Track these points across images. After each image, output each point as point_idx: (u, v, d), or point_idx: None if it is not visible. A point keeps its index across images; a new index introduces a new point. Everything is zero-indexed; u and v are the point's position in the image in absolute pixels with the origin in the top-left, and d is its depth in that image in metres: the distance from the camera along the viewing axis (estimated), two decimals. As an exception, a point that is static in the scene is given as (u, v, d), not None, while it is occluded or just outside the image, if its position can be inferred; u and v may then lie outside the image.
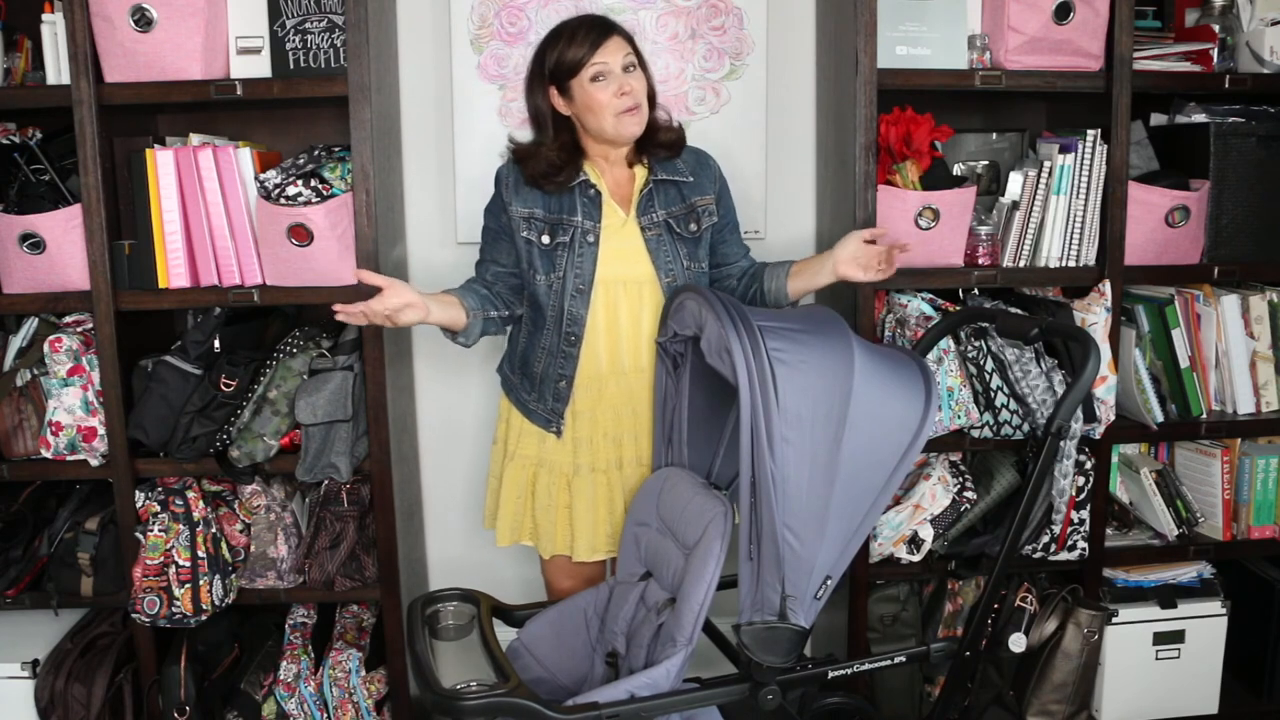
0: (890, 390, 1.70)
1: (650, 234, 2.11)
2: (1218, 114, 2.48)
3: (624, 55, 2.04)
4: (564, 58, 2.04)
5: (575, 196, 2.09)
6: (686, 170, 2.17)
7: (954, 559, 2.44)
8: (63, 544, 2.37)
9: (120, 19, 2.13)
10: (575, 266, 2.07)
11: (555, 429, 2.14)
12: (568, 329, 2.09)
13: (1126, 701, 2.53)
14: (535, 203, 2.09)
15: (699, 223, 2.15)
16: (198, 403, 2.27)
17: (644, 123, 2.07)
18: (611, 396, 2.14)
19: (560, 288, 2.08)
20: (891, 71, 2.29)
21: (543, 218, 2.08)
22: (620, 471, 2.17)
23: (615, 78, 2.03)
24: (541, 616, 2.04)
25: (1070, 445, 2.29)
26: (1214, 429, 2.48)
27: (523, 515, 2.21)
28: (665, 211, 2.13)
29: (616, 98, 2.03)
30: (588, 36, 2.02)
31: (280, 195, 2.22)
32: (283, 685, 2.40)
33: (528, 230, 2.09)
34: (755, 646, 1.69)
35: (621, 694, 1.69)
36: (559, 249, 2.08)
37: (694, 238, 2.15)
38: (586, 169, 2.12)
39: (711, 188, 2.20)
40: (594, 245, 2.08)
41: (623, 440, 2.16)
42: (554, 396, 2.13)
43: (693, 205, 2.15)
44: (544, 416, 2.15)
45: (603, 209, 2.10)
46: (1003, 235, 2.42)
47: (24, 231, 2.21)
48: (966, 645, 2.01)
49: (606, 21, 2.07)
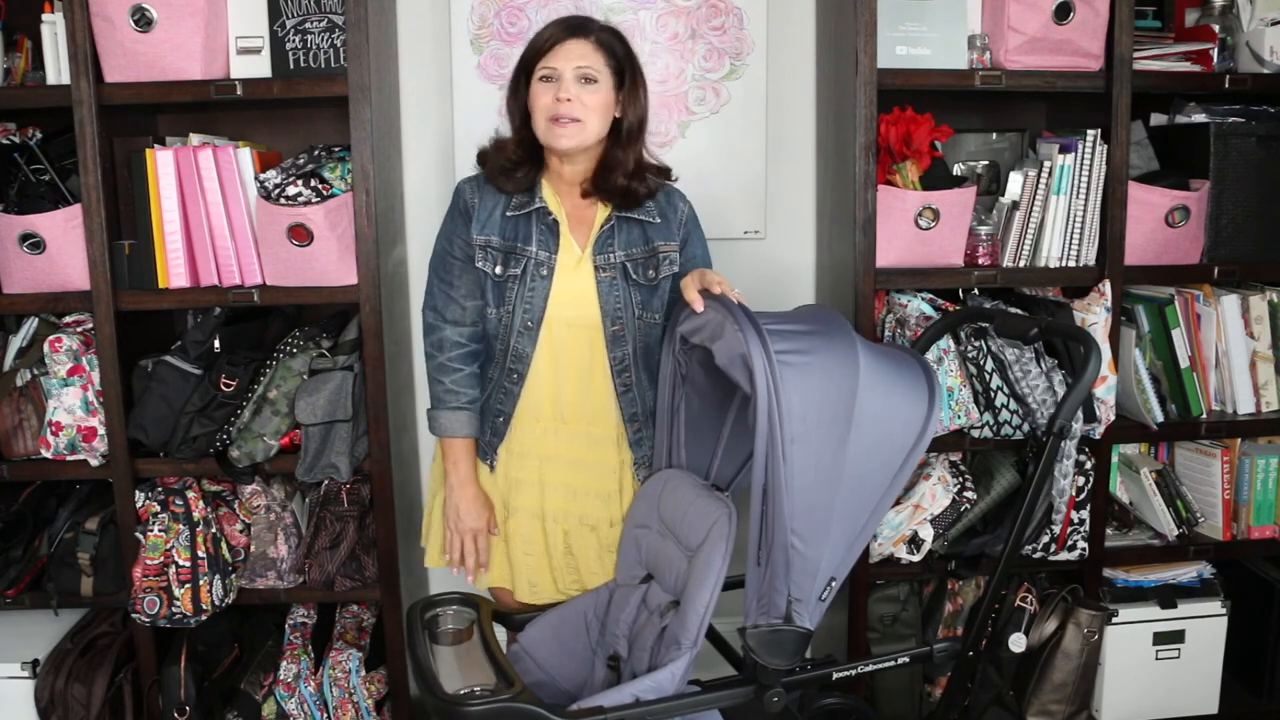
0: (895, 390, 1.70)
1: (604, 275, 1.97)
2: (1218, 114, 2.48)
3: (580, 63, 1.90)
4: (526, 51, 1.96)
5: (532, 224, 1.97)
6: (655, 211, 2.01)
7: (954, 559, 2.44)
8: (63, 544, 2.37)
9: (120, 19, 2.13)
10: (525, 301, 1.95)
11: (489, 462, 2.06)
12: (511, 365, 1.99)
13: (1126, 701, 2.53)
14: (492, 229, 1.96)
15: (658, 270, 2.00)
16: (198, 403, 2.27)
17: (581, 141, 1.92)
18: (550, 444, 2.04)
19: (509, 322, 1.97)
20: (891, 71, 2.29)
21: (498, 245, 1.96)
22: (556, 523, 2.05)
23: (560, 83, 1.90)
24: (541, 620, 2.04)
25: (1070, 445, 2.29)
26: (1214, 429, 2.48)
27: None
28: (624, 253, 1.98)
29: (553, 103, 1.90)
30: (552, 34, 1.91)
31: (280, 195, 2.22)
32: (283, 685, 2.40)
33: (483, 260, 1.96)
34: (760, 649, 1.69)
35: (626, 698, 1.68)
36: (509, 282, 1.96)
37: (650, 285, 2.00)
38: (545, 194, 1.99)
39: (677, 233, 2.03)
40: (547, 279, 1.95)
41: (559, 491, 2.04)
42: (491, 430, 2.04)
43: (655, 249, 2.00)
44: (482, 447, 2.06)
45: (560, 240, 1.98)
46: (1003, 235, 2.42)
47: (24, 231, 2.20)
48: (967, 645, 2.01)
49: (580, 26, 1.93)
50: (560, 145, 1.92)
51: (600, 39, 1.93)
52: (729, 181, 2.71)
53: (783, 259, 2.78)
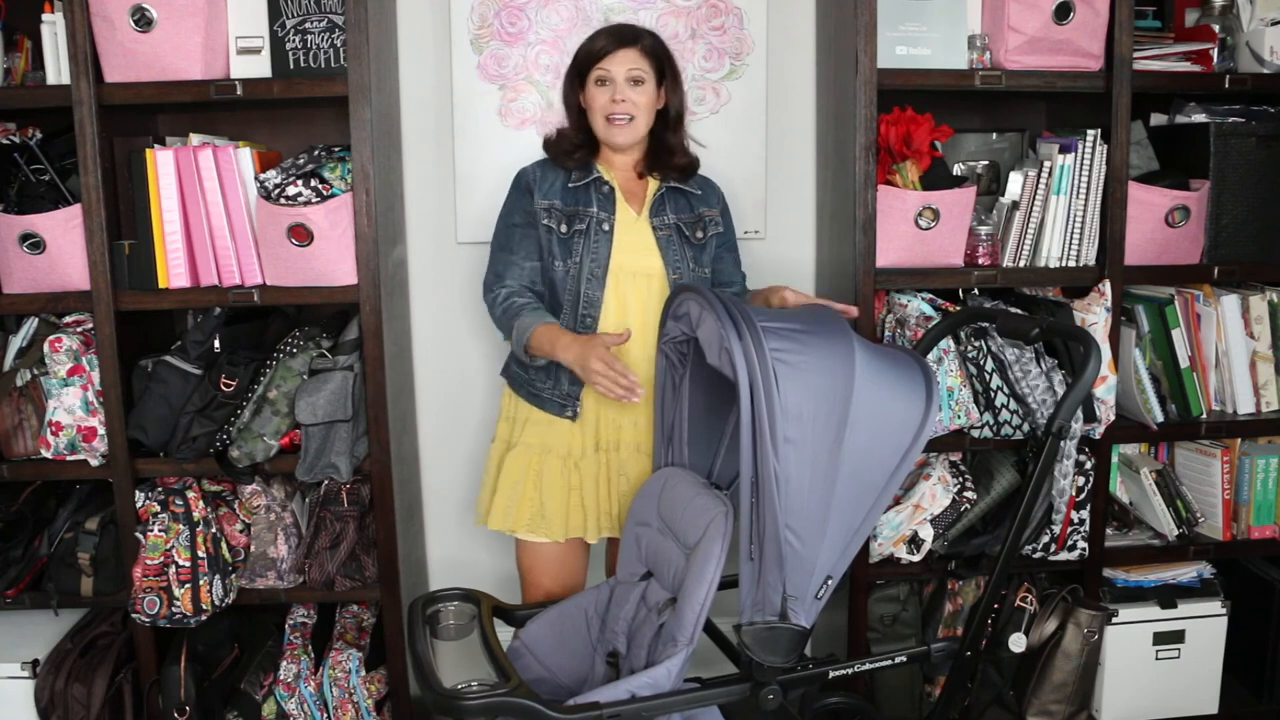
0: (891, 390, 1.70)
1: (661, 233, 2.21)
2: (1218, 114, 2.48)
3: (631, 68, 2.15)
4: (581, 55, 2.20)
5: (590, 191, 2.20)
6: (697, 184, 2.30)
7: (954, 559, 2.44)
8: (63, 544, 2.37)
9: (120, 19, 2.13)
10: (591, 253, 2.16)
11: (570, 413, 2.18)
12: (584, 312, 2.15)
13: (1126, 701, 2.53)
14: (555, 195, 2.19)
15: (705, 231, 2.26)
16: (198, 403, 2.27)
17: (634, 135, 2.19)
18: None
19: (577, 273, 2.16)
20: (891, 71, 2.29)
21: (560, 208, 2.18)
22: (618, 454, 2.21)
23: (614, 85, 2.15)
24: (542, 616, 2.05)
25: (1070, 445, 2.29)
26: (1214, 429, 2.48)
27: (520, 501, 2.18)
28: (676, 216, 2.24)
29: (609, 103, 2.16)
30: (605, 43, 2.17)
31: (280, 195, 2.22)
32: (283, 685, 2.40)
33: (547, 219, 2.18)
34: (756, 647, 1.69)
35: (622, 694, 1.69)
36: (575, 236, 2.16)
37: (700, 244, 2.25)
38: (600, 167, 2.22)
39: (717, 204, 2.32)
40: (609, 234, 2.17)
41: (623, 424, 2.21)
42: (570, 380, 2.15)
43: (700, 215, 2.27)
44: (558, 402, 2.18)
45: (616, 204, 2.20)
46: (1003, 235, 2.42)
47: (24, 231, 2.21)
48: (967, 645, 2.01)
49: (629, 34, 2.18)
50: (617, 140, 2.19)
51: (645, 46, 2.19)
52: (729, 182, 2.70)
53: (783, 259, 2.78)
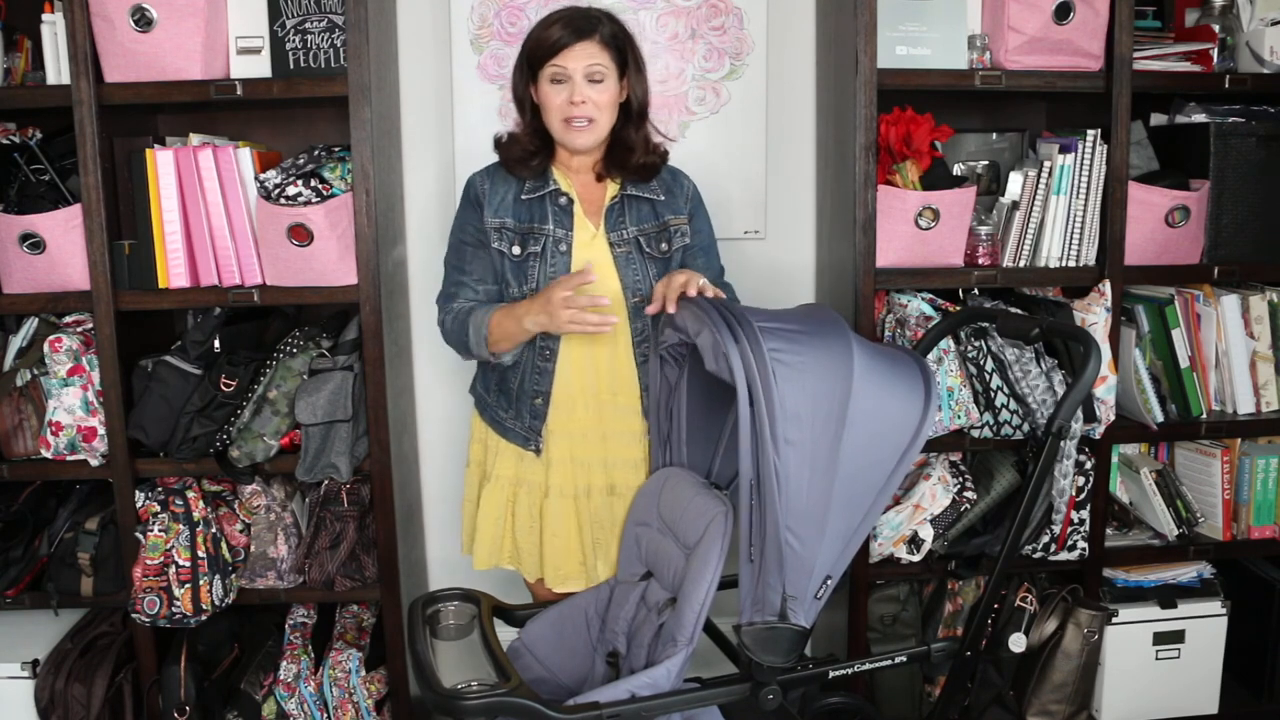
0: (890, 389, 1.70)
1: (619, 250, 2.05)
2: (1218, 114, 2.48)
3: (590, 63, 1.95)
4: (531, 45, 1.99)
5: (546, 205, 2.04)
6: (661, 189, 2.10)
7: (954, 559, 2.44)
8: (63, 544, 2.37)
9: (120, 19, 2.13)
10: (549, 277, 2.00)
11: (534, 447, 2.08)
12: (542, 344, 2.03)
13: (1126, 701, 2.53)
14: (506, 213, 2.03)
15: (670, 243, 2.08)
16: (198, 403, 2.27)
17: (595, 138, 2.00)
18: (581, 419, 2.08)
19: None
20: (891, 71, 2.29)
21: (513, 228, 2.02)
22: (588, 500, 2.10)
23: (572, 85, 1.95)
24: (542, 616, 2.04)
25: (1070, 445, 2.29)
26: (1214, 429, 2.48)
27: (502, 537, 2.14)
28: (636, 229, 2.06)
29: (567, 105, 1.96)
30: (560, 34, 1.94)
31: (280, 195, 2.22)
32: (283, 685, 2.40)
33: (499, 241, 2.02)
34: (756, 647, 1.69)
35: (622, 694, 1.68)
36: (530, 259, 2.02)
37: (664, 258, 2.07)
38: (556, 176, 2.06)
39: (684, 207, 2.12)
40: (566, 254, 2.01)
41: (591, 466, 2.09)
42: (530, 414, 2.07)
43: (665, 224, 2.08)
44: (521, 434, 2.09)
45: (574, 219, 2.04)
46: (1003, 235, 2.42)
47: (24, 231, 2.21)
48: (967, 645, 2.01)
49: (587, 23, 1.96)
50: (576, 144, 2.00)
51: (604, 36, 1.98)
52: (729, 182, 2.71)
53: (783, 259, 2.78)
